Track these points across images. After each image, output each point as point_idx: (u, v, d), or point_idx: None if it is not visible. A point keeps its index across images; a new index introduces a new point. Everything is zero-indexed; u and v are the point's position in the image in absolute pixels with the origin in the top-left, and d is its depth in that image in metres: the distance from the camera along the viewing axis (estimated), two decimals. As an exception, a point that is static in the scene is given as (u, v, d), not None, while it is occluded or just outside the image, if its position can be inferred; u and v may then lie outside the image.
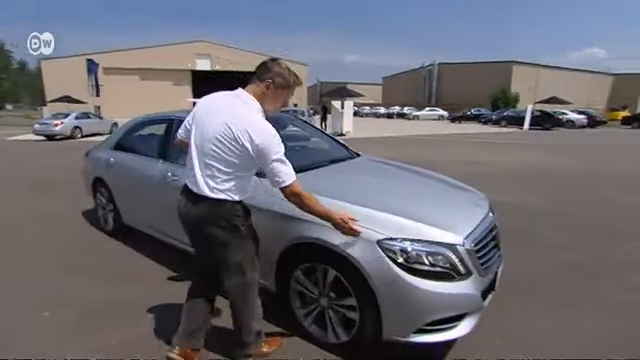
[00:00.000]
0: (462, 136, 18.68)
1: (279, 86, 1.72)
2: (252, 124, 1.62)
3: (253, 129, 1.61)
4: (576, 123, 25.02)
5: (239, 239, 1.79)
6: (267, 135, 1.61)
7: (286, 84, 1.74)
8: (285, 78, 1.73)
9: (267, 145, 1.60)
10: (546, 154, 11.43)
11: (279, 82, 1.72)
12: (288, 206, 2.08)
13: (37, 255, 3.49)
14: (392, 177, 2.98)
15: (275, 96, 1.74)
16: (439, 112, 37.36)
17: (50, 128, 16.23)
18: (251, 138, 1.60)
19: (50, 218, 4.62)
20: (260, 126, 1.63)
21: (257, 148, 1.60)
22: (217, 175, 1.69)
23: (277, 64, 1.73)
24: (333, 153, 3.31)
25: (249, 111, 1.67)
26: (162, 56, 40.64)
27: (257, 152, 1.61)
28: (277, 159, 1.62)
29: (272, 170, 1.64)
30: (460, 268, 1.89)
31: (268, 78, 1.70)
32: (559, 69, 52.43)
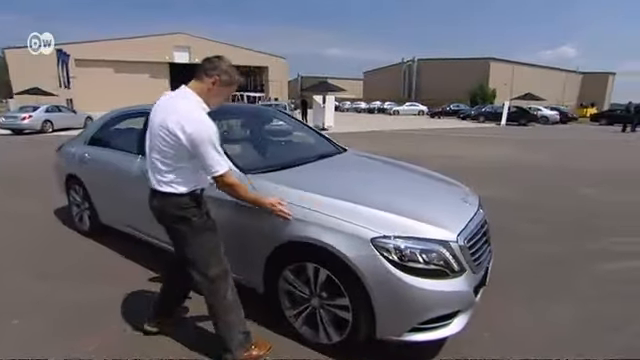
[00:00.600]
0: (442, 131, 18.97)
1: (224, 83, 1.78)
2: (185, 114, 1.67)
3: (186, 119, 1.65)
4: (549, 119, 25.86)
5: (193, 232, 1.82)
6: (200, 124, 1.66)
7: (231, 81, 1.81)
8: (230, 76, 1.79)
9: (199, 134, 1.64)
10: (522, 149, 11.73)
11: (225, 79, 1.78)
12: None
13: (6, 258, 3.27)
14: (381, 173, 2.94)
15: (219, 92, 1.80)
16: (419, 107, 37.84)
17: (18, 122, 15.39)
18: (183, 127, 1.64)
19: (20, 218, 4.36)
20: (193, 116, 1.67)
21: (190, 137, 1.64)
22: (160, 168, 1.77)
23: (223, 61, 1.79)
24: (320, 148, 3.24)
25: (186, 104, 1.72)
26: (139, 48, 39.33)
27: (190, 141, 1.65)
28: (210, 148, 1.66)
29: (205, 159, 1.67)
30: (454, 265, 1.87)
31: (215, 75, 1.75)
32: (533, 66, 54.17)
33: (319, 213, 1.92)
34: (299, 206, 1.97)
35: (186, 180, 1.78)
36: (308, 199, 2.01)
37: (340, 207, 1.94)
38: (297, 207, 1.97)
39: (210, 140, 1.65)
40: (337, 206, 1.95)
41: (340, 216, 1.89)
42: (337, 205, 1.96)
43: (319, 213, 1.92)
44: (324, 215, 1.91)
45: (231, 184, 1.77)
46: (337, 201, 1.98)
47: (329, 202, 1.97)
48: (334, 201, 1.98)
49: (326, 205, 1.96)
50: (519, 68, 50.61)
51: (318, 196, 2.03)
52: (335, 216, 1.89)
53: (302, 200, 2.01)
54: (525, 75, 48.88)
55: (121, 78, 39.37)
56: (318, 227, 1.89)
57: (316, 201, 1.99)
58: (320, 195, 2.04)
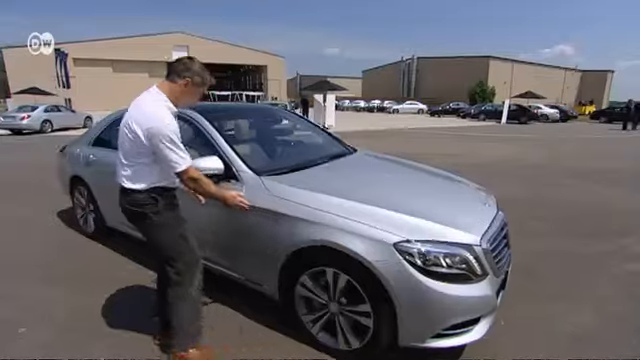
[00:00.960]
0: (443, 129, 18.94)
1: (196, 84, 1.81)
2: (146, 112, 1.70)
3: (147, 117, 1.69)
4: (550, 117, 25.90)
5: (153, 228, 1.85)
6: (158, 121, 1.67)
7: (202, 82, 1.83)
8: (202, 77, 1.82)
9: (158, 131, 1.65)
10: (524, 147, 11.70)
11: (197, 81, 1.81)
12: (296, 208, 1.97)
13: (10, 264, 3.19)
14: (396, 174, 2.87)
15: (191, 92, 1.83)
16: (419, 106, 37.77)
17: (16, 122, 15.26)
18: (143, 125, 1.68)
19: (23, 222, 4.28)
20: (153, 112, 1.70)
21: (148, 132, 1.67)
22: (123, 163, 1.81)
23: (195, 63, 1.81)
24: (330, 148, 3.18)
25: (150, 103, 1.74)
26: (137, 47, 39.17)
27: (148, 137, 1.67)
28: (169, 145, 1.67)
29: (166, 155, 1.69)
30: (477, 269, 1.81)
31: (187, 76, 1.78)
32: (532, 65, 54.12)
33: (339, 217, 1.86)
34: (318, 209, 1.91)
35: (145, 177, 1.79)
36: (326, 202, 1.95)
37: (360, 210, 1.88)
38: (316, 210, 1.91)
39: (168, 137, 1.66)
40: (357, 209, 1.89)
41: (361, 220, 1.83)
42: (357, 208, 1.89)
43: (339, 217, 1.86)
44: (344, 219, 1.85)
45: (194, 178, 1.78)
46: (357, 204, 1.92)
47: (348, 205, 1.91)
48: (353, 204, 1.92)
49: (346, 208, 1.90)
50: (518, 66, 50.61)
51: (336, 199, 1.97)
52: (355, 220, 1.83)
53: (321, 203, 1.95)
54: (524, 73, 48.89)
55: (120, 77, 39.16)
56: (338, 231, 1.83)
57: (335, 204, 1.93)
58: (338, 198, 1.97)
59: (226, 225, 2.24)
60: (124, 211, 1.88)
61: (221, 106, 3.60)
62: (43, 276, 2.92)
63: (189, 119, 2.64)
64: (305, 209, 1.94)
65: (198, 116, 2.59)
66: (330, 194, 2.01)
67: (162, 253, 1.89)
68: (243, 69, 55.09)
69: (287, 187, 2.09)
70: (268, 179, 2.19)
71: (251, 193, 2.13)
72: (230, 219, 2.20)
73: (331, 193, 2.01)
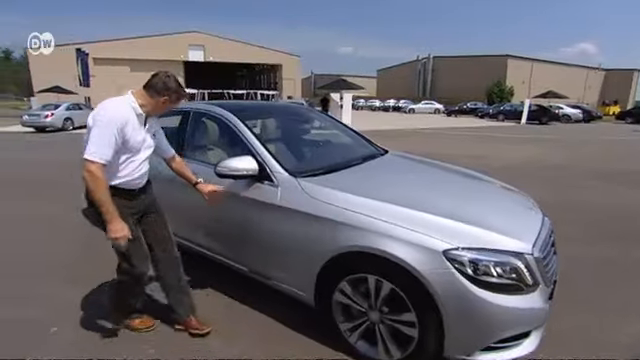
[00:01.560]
0: (462, 130, 18.59)
1: (173, 101, 1.91)
2: (101, 104, 1.80)
3: (99, 107, 1.78)
4: (572, 117, 25.17)
5: (100, 225, 1.84)
6: (105, 110, 1.75)
7: (178, 98, 1.92)
8: (179, 94, 1.90)
9: (99, 116, 1.73)
10: (548, 149, 11.36)
11: (174, 98, 1.89)
12: (337, 212, 1.89)
13: (38, 264, 3.19)
14: (434, 176, 2.76)
15: (163, 107, 1.91)
16: (435, 105, 37.23)
17: (41, 119, 15.67)
18: (94, 112, 1.77)
19: (53, 220, 4.32)
20: (109, 102, 1.80)
21: (93, 118, 1.74)
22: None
23: (172, 81, 1.86)
24: (361, 149, 3.08)
25: (116, 99, 1.83)
26: (154, 47, 39.78)
27: (92, 123, 1.74)
28: (98, 130, 1.71)
29: (89, 137, 1.72)
30: (528, 279, 1.70)
31: (166, 95, 1.85)
32: (552, 63, 52.73)
33: (384, 222, 1.77)
34: (361, 214, 1.83)
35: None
36: (370, 206, 1.86)
37: (406, 215, 1.79)
38: (359, 215, 1.83)
39: (102, 125, 1.70)
40: (403, 214, 1.80)
41: (407, 225, 1.73)
42: (403, 213, 1.80)
43: (384, 222, 1.77)
44: (390, 224, 1.76)
45: (92, 174, 1.71)
46: (402, 209, 1.83)
47: (394, 210, 1.82)
48: (399, 209, 1.83)
49: (391, 213, 1.81)
50: (538, 65, 49.36)
51: (380, 203, 1.88)
52: (402, 225, 1.74)
53: (363, 207, 1.86)
54: (544, 72, 47.64)
55: (137, 76, 39.11)
56: (383, 237, 1.74)
57: (379, 209, 1.85)
58: (381, 202, 1.88)
59: (260, 228, 2.18)
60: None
61: (250, 105, 3.55)
62: (73, 276, 2.92)
63: (220, 118, 2.59)
64: (347, 213, 1.85)
65: (230, 115, 2.53)
66: (372, 197, 1.92)
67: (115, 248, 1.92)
68: (258, 68, 55.34)
69: (326, 189, 2.01)
70: (304, 181, 2.11)
71: (287, 195, 2.06)
72: (265, 222, 2.14)
73: (373, 196, 1.92)
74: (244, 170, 2.13)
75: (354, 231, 1.81)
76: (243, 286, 2.57)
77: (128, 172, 1.87)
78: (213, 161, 2.61)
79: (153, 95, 1.85)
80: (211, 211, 2.40)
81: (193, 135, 2.81)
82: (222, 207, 2.35)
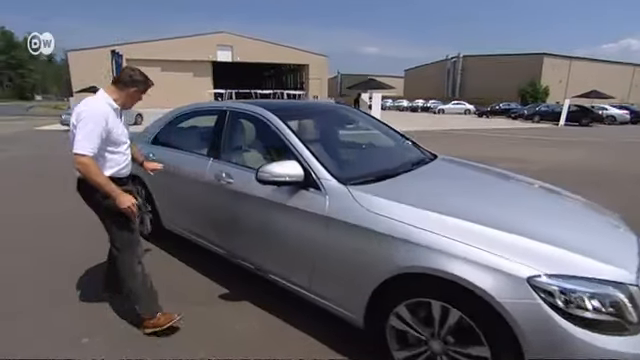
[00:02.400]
0: (496, 131, 17.78)
1: (141, 91, 2.10)
2: (83, 103, 1.95)
3: (80, 105, 1.94)
4: (617, 119, 23.56)
5: (104, 214, 2.06)
6: (88, 107, 1.91)
7: (145, 89, 2.12)
8: (146, 84, 2.10)
9: (84, 113, 1.88)
10: (596, 152, 10.60)
11: (142, 88, 2.08)
12: (396, 225, 1.66)
13: (65, 264, 3.10)
14: (503, 188, 2.44)
15: (137, 97, 2.11)
16: (465, 106, 36.00)
17: (77, 119, 16.23)
18: (76, 111, 1.92)
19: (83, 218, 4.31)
20: (88, 102, 1.95)
21: (77, 116, 1.89)
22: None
23: (137, 73, 2.06)
24: (409, 153, 2.83)
25: (92, 98, 2.00)
26: (183, 47, 40.77)
27: (76, 122, 1.89)
28: (84, 126, 1.85)
29: (76, 133, 1.87)
30: (632, 316, 1.40)
31: (133, 86, 2.04)
32: (593, 61, 49.91)
33: (453, 240, 1.53)
34: (427, 230, 1.59)
35: None
36: (436, 221, 1.62)
37: (480, 233, 1.54)
38: (425, 232, 1.59)
39: (87, 121, 1.85)
40: (476, 232, 1.55)
41: (483, 245, 1.48)
42: (475, 231, 1.55)
43: (453, 240, 1.53)
44: (461, 243, 1.51)
45: (85, 164, 1.86)
46: (474, 225, 1.58)
47: (464, 226, 1.58)
48: (470, 225, 1.58)
49: (461, 230, 1.56)
50: (577, 63, 46.85)
51: (447, 217, 1.63)
52: (476, 245, 1.49)
53: (428, 222, 1.62)
54: (584, 71, 45.13)
55: (167, 76, 40.83)
56: (453, 258, 1.50)
57: (446, 224, 1.60)
58: (449, 216, 1.64)
59: (304, 240, 1.98)
60: (82, 196, 2.09)
61: (290, 104, 3.35)
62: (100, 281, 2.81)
63: (259, 118, 2.42)
64: (409, 228, 1.62)
65: (270, 115, 2.36)
66: (437, 211, 1.67)
67: (112, 238, 2.14)
68: (285, 68, 55.64)
69: (382, 200, 1.78)
70: (356, 189, 1.89)
71: (338, 205, 1.85)
72: (310, 234, 1.94)
73: (438, 210, 1.68)
74: (288, 176, 1.93)
75: (417, 250, 1.58)
76: (283, 300, 2.39)
77: (115, 162, 2.07)
78: (251, 164, 2.45)
79: (122, 88, 2.03)
80: (252, 221, 2.24)
81: (230, 136, 2.66)
82: (263, 217, 2.18)
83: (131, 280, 2.13)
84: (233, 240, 2.50)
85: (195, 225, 2.91)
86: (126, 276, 2.14)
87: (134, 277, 2.13)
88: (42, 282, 2.79)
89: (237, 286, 2.64)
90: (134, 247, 2.15)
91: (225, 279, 2.75)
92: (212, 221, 2.66)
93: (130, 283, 2.13)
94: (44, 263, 3.10)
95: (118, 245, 2.12)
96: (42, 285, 2.74)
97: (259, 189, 2.12)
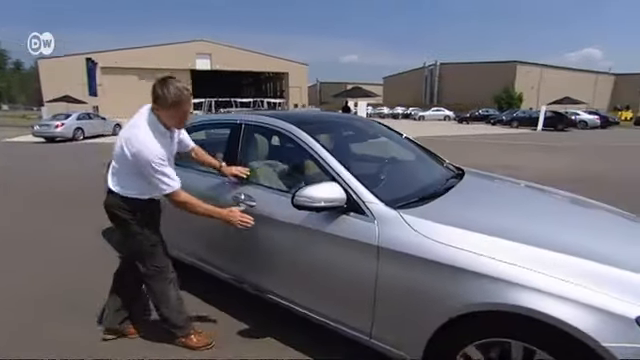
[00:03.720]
0: (478, 137, 18.10)
1: (163, 107, 1.80)
2: (134, 134, 1.80)
3: (132, 140, 1.79)
4: (589, 124, 24.60)
5: (130, 231, 1.97)
6: (142, 147, 1.76)
7: (168, 105, 1.79)
8: (164, 99, 1.78)
9: (142, 156, 1.76)
10: (582, 158, 10.85)
11: (161, 104, 1.80)
12: (464, 256, 1.46)
13: (53, 298, 2.77)
14: (556, 206, 2.29)
15: (167, 115, 1.84)
16: (445, 112, 36.80)
17: (51, 130, 15.41)
18: (130, 147, 1.79)
19: (68, 242, 3.92)
20: (139, 138, 1.78)
21: (135, 157, 1.78)
22: (114, 166, 1.93)
23: (159, 86, 1.79)
24: (436, 168, 2.65)
25: (140, 123, 1.83)
26: (161, 55, 39.88)
27: (135, 160, 1.79)
28: (156, 168, 1.77)
29: (153, 180, 1.80)
30: None
31: (161, 103, 1.80)
32: (561, 69, 52.25)
33: (537, 272, 1.34)
34: (502, 261, 1.39)
35: (128, 186, 1.91)
36: (512, 250, 1.43)
37: (568, 264, 1.36)
38: (500, 263, 1.39)
39: (151, 163, 1.75)
40: (562, 263, 1.36)
41: (572, 278, 1.30)
42: (561, 261, 1.37)
43: (537, 272, 1.34)
44: (546, 276, 1.32)
45: (182, 202, 1.87)
46: (557, 255, 1.39)
47: (546, 256, 1.39)
48: (553, 255, 1.39)
49: (544, 260, 1.37)
50: (547, 70, 48.90)
51: (524, 245, 1.45)
52: (565, 278, 1.30)
53: (503, 251, 1.43)
54: (553, 78, 47.14)
55: (145, 85, 39.42)
56: (539, 294, 1.30)
57: (525, 253, 1.42)
58: (525, 244, 1.45)
59: (347, 273, 1.75)
60: (106, 211, 2.01)
61: (307, 116, 3.10)
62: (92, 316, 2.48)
63: (285, 133, 2.18)
64: (484, 260, 1.42)
65: (295, 129, 2.12)
66: (508, 237, 1.48)
67: (135, 256, 2.03)
68: (264, 76, 55.39)
69: (443, 226, 1.58)
70: (406, 213, 1.68)
71: (390, 233, 1.63)
72: (355, 266, 1.70)
73: (511, 237, 1.49)
74: (329, 200, 1.70)
75: (494, 284, 1.38)
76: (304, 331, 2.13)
77: None
78: (276, 185, 2.21)
79: (156, 106, 1.82)
80: (282, 250, 2.00)
81: (247, 153, 2.39)
82: (296, 245, 1.94)
83: (164, 306, 2.06)
84: (258, 272, 2.21)
85: (209, 254, 2.57)
86: (159, 303, 2.06)
87: (167, 303, 2.05)
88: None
89: (257, 320, 2.38)
90: (165, 272, 2.05)
91: (243, 312, 2.48)
92: (230, 249, 2.35)
93: (163, 309, 2.06)
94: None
95: (146, 271, 2.02)
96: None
97: (289, 213, 1.87)
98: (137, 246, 2.00)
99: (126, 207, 1.92)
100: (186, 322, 2.11)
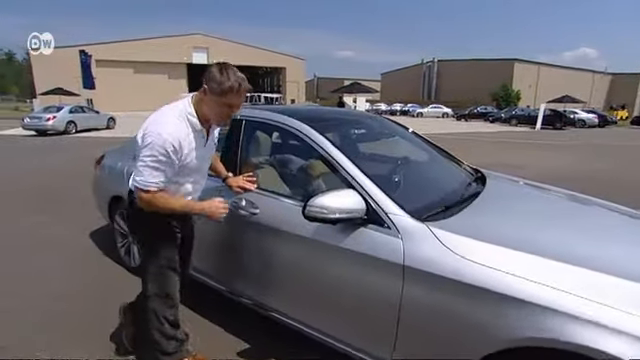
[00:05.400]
0: (480, 135, 17.95)
1: (212, 92, 1.50)
2: (151, 119, 1.54)
3: (151, 121, 1.52)
4: (587, 123, 24.61)
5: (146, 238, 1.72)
6: (150, 131, 1.48)
7: (220, 90, 1.48)
8: (219, 83, 1.47)
9: (143, 140, 1.49)
10: (581, 157, 10.70)
11: (212, 87, 1.49)
12: (512, 282, 1.23)
13: (36, 311, 2.54)
14: (596, 217, 2.07)
15: (211, 103, 1.53)
16: (443, 109, 36.62)
17: (42, 123, 14.97)
18: (144, 129, 1.51)
19: (55, 244, 3.66)
20: (154, 121, 1.52)
21: (142, 137, 1.50)
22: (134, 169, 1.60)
23: (218, 68, 1.50)
24: (455, 171, 2.41)
25: (166, 109, 1.56)
26: (157, 49, 39.31)
27: (141, 141, 1.51)
28: (147, 156, 1.47)
29: (139, 164, 1.51)
30: None
31: (205, 82, 1.52)
32: (558, 67, 52.29)
33: (595, 302, 1.11)
34: (564, 291, 1.17)
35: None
36: (560, 272, 1.22)
37: (628, 291, 1.14)
38: (561, 293, 1.17)
39: (152, 149, 1.45)
40: (621, 288, 1.14)
41: (633, 309, 1.08)
42: (621, 287, 1.15)
43: (595, 302, 1.11)
44: (607, 307, 1.10)
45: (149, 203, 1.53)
46: (613, 278, 1.18)
47: (599, 281, 1.17)
48: (608, 278, 1.18)
49: (597, 285, 1.16)
50: (544, 69, 48.91)
51: (589, 271, 1.23)
52: (625, 309, 1.08)
53: (550, 273, 1.21)
54: (550, 76, 47.20)
55: (140, 79, 39.37)
56: (583, 324, 1.09)
57: (577, 276, 1.20)
58: (589, 269, 1.23)
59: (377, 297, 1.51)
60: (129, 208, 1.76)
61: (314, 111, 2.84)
62: (77, 329, 2.24)
63: (292, 131, 1.93)
64: (534, 287, 1.19)
65: (306, 128, 1.87)
66: (568, 261, 1.26)
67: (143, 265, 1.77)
68: (261, 71, 54.87)
69: (481, 243, 1.35)
70: (436, 227, 1.44)
71: (419, 251, 1.40)
72: (384, 289, 1.47)
73: (568, 259, 1.26)
74: (346, 211, 1.47)
75: (539, 315, 1.15)
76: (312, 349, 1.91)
77: (187, 192, 1.69)
78: (283, 191, 1.96)
79: (208, 97, 1.51)
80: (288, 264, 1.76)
81: (248, 152, 2.15)
82: (306, 262, 1.70)
83: (156, 330, 1.74)
84: (262, 288, 1.97)
85: (202, 262, 2.34)
86: (151, 325, 1.74)
87: (161, 327, 1.74)
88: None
89: (259, 338, 2.15)
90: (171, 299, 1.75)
91: (243, 330, 2.24)
92: (228, 262, 2.13)
93: (154, 332, 1.74)
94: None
95: (146, 291, 1.74)
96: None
97: (298, 223, 1.63)
98: (143, 259, 1.78)
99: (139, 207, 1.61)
100: (177, 348, 1.83)
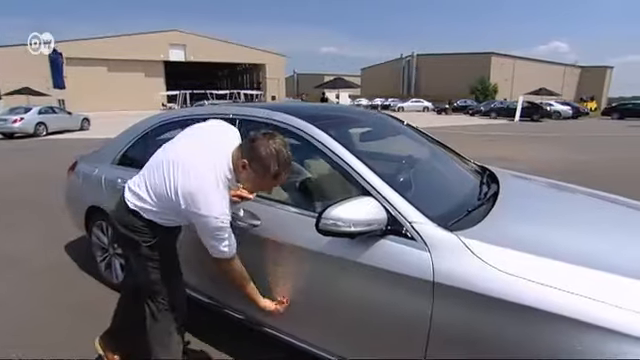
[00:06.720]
0: (461, 128, 18.13)
1: (256, 172, 1.40)
2: (197, 189, 1.38)
3: (195, 197, 1.38)
4: (562, 114, 25.38)
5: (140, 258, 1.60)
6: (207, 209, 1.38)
7: (263, 172, 1.39)
8: (265, 168, 1.37)
9: (205, 221, 1.39)
10: (564, 148, 10.89)
11: (255, 168, 1.39)
12: (557, 298, 1.07)
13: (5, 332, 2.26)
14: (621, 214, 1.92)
15: (249, 178, 1.44)
16: (424, 103, 37.06)
17: (8, 125, 14.10)
18: (187, 201, 1.39)
19: (22, 263, 3.31)
20: (203, 198, 1.38)
21: (194, 217, 1.42)
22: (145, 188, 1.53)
23: (263, 144, 1.36)
24: (467, 172, 2.25)
25: (208, 173, 1.40)
26: (133, 46, 38.04)
27: (192, 218, 1.43)
28: (217, 235, 1.42)
29: (208, 242, 1.46)
30: None
31: (246, 157, 1.40)
32: (533, 61, 53.74)
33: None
34: (603, 302, 1.03)
35: (156, 216, 1.53)
36: (616, 286, 1.08)
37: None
38: (600, 303, 1.03)
39: (210, 230, 1.41)
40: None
41: None
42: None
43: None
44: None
45: (231, 270, 1.53)
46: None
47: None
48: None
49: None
50: (520, 62, 50.12)
51: (629, 280, 1.08)
52: None
53: (607, 288, 1.07)
54: (526, 70, 48.40)
55: (115, 77, 38.05)
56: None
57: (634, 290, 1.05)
58: (630, 278, 1.09)
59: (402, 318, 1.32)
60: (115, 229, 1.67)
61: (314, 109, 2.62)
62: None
63: (294, 131, 1.72)
64: (590, 304, 1.04)
65: (310, 127, 1.68)
66: (612, 270, 1.11)
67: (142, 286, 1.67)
68: (240, 68, 54.00)
69: (520, 254, 1.19)
70: (466, 236, 1.27)
71: (448, 264, 1.23)
72: (408, 308, 1.29)
73: (611, 268, 1.12)
74: (366, 223, 1.28)
75: (606, 338, 1.00)
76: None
77: None
78: (286, 199, 1.76)
79: (240, 152, 1.42)
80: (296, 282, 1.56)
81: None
82: (316, 277, 1.51)
83: (162, 349, 1.65)
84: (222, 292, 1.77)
85: (196, 282, 2.10)
86: (157, 344, 1.66)
87: (168, 346, 1.65)
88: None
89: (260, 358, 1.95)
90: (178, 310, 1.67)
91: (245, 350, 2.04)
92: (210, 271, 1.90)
93: (159, 351, 1.65)
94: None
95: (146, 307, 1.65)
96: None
97: (307, 236, 1.44)
98: (140, 276, 1.66)
99: (138, 226, 1.55)
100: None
